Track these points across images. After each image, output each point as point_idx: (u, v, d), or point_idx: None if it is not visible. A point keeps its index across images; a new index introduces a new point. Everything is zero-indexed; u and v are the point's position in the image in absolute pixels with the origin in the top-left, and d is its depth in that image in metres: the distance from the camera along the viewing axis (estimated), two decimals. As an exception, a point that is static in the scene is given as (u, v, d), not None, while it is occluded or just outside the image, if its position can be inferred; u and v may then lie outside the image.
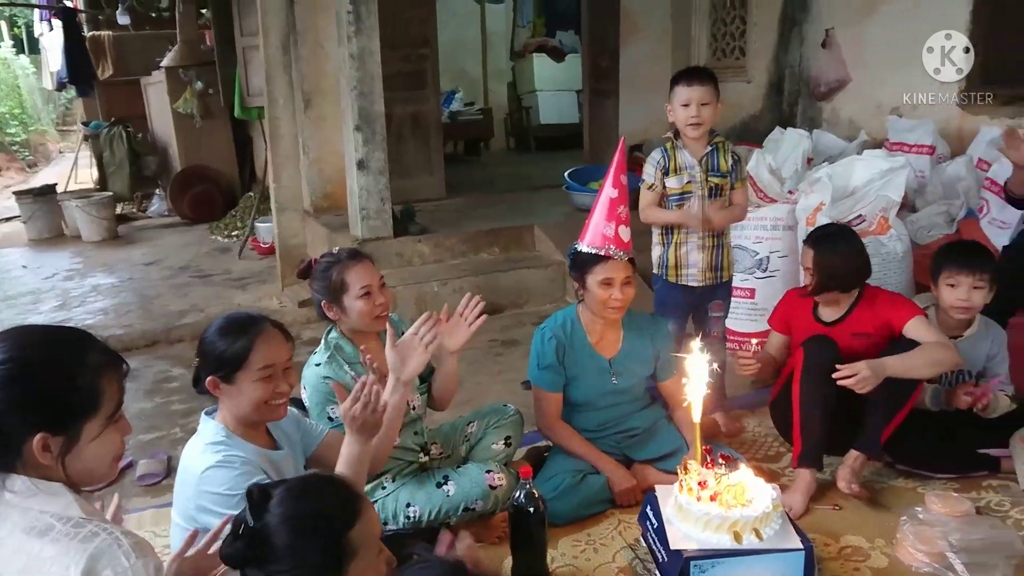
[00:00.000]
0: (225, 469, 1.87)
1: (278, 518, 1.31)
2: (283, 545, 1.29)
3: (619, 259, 2.70)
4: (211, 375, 1.93)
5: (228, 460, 1.88)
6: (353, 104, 4.90)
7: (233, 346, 1.92)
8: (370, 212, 5.07)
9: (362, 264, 2.52)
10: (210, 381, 1.93)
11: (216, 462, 1.88)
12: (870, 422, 2.75)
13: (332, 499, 1.36)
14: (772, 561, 2.19)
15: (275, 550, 1.30)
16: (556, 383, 2.83)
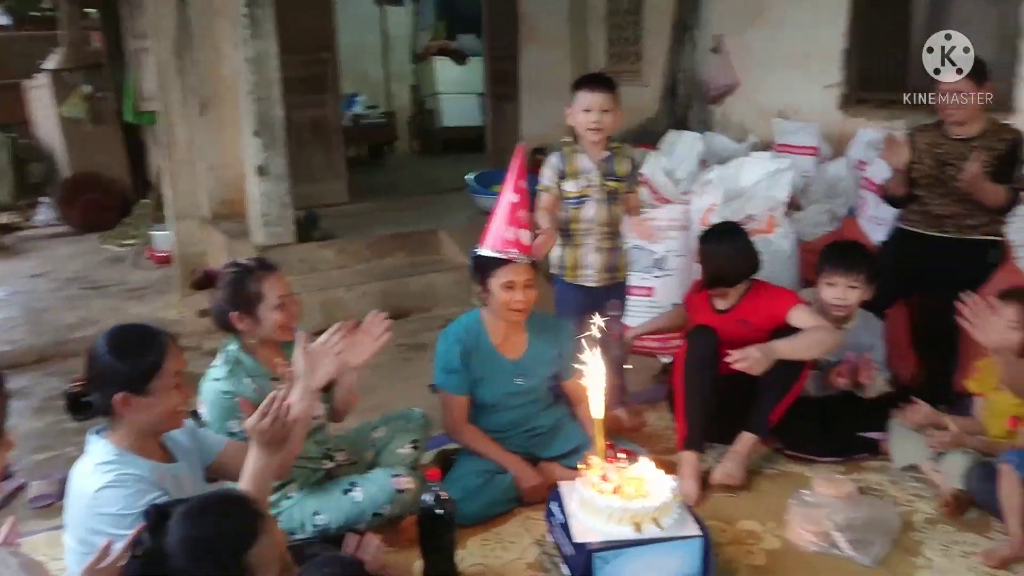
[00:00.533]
0: (118, 489, 1.83)
1: (176, 539, 1.31)
2: (180, 566, 1.29)
3: (520, 262, 2.77)
4: (120, 391, 1.88)
5: (120, 479, 1.85)
6: (252, 109, 4.83)
7: (146, 357, 1.89)
8: (272, 218, 5.00)
9: (276, 274, 2.52)
10: (121, 398, 1.88)
11: (108, 482, 1.84)
12: (760, 405, 2.93)
13: (231, 520, 1.36)
14: (672, 549, 2.29)
15: (174, 570, 1.29)
16: (462, 386, 2.87)
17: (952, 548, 2.54)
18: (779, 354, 2.82)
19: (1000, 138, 3.40)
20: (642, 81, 6.72)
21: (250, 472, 1.89)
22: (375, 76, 10.64)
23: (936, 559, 2.48)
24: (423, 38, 10.58)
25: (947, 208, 3.48)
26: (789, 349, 2.87)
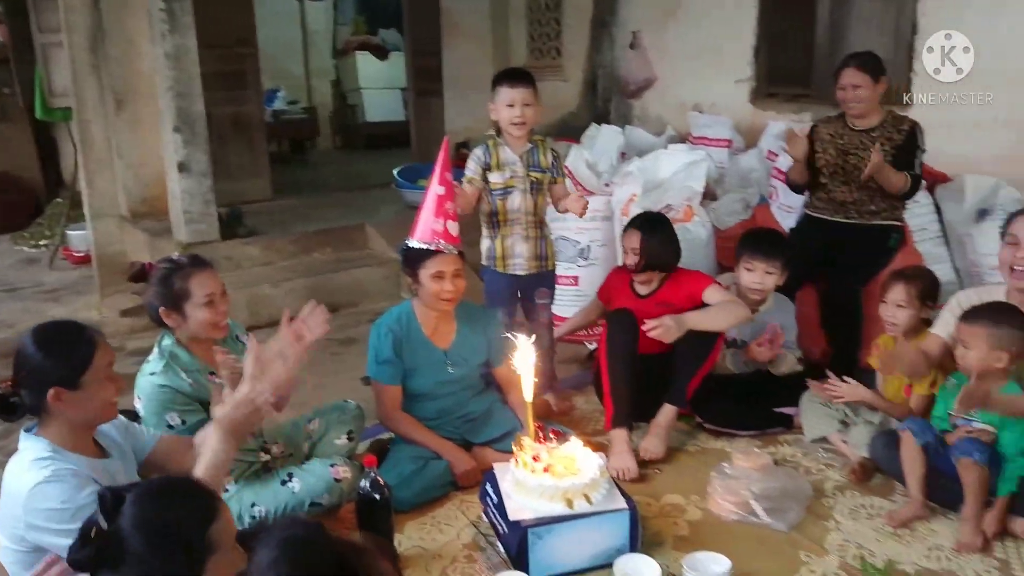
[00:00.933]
0: (56, 483, 1.83)
1: (133, 521, 1.34)
2: (139, 547, 1.31)
3: (449, 253, 2.84)
4: (52, 387, 1.88)
5: (58, 474, 1.85)
6: (171, 105, 4.76)
7: (76, 352, 1.89)
8: (194, 215, 4.94)
9: (205, 272, 2.52)
10: (54, 394, 1.87)
11: (45, 478, 1.84)
12: (677, 377, 3.09)
13: (189, 499, 1.40)
14: (601, 522, 2.41)
15: (130, 553, 1.32)
16: (394, 376, 2.93)
17: (859, 511, 2.73)
18: (690, 324, 3.00)
19: (898, 128, 3.64)
20: (563, 76, 6.84)
21: (210, 461, 1.88)
22: (295, 71, 10.51)
23: (844, 522, 2.67)
24: (343, 33, 10.51)
25: (850, 195, 3.70)
26: (700, 319, 3.05)
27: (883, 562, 2.32)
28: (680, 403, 3.11)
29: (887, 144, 3.60)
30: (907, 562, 2.43)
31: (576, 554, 2.39)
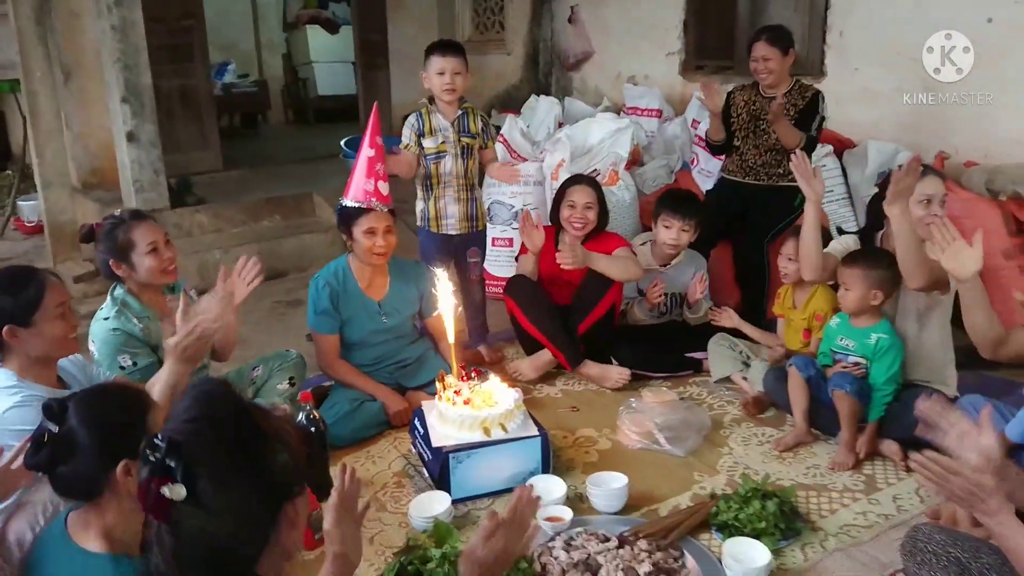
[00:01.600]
0: (24, 408, 2.06)
1: (79, 419, 1.57)
2: (87, 440, 1.55)
3: (380, 210, 3.08)
4: (6, 325, 2.10)
5: (26, 400, 2.08)
6: (119, 77, 4.88)
7: (25, 293, 2.10)
8: (144, 184, 5.09)
9: (145, 223, 2.72)
10: (7, 331, 2.09)
11: (15, 403, 2.07)
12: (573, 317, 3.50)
13: (123, 396, 1.64)
14: (515, 448, 2.69)
15: (80, 446, 1.55)
16: (332, 326, 3.17)
17: (751, 440, 3.05)
18: (592, 262, 3.40)
19: (803, 96, 3.95)
20: (506, 50, 7.06)
21: (163, 380, 2.14)
22: (246, 45, 10.56)
23: (737, 448, 2.98)
24: (294, 7, 10.56)
25: (760, 158, 4.01)
26: (599, 261, 3.42)
27: (761, 477, 2.63)
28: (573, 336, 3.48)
29: (792, 109, 3.90)
30: (786, 479, 2.74)
31: (493, 477, 2.67)
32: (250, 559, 1.11)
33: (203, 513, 1.07)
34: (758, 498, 2.44)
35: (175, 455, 1.06)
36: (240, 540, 1.10)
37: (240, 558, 1.10)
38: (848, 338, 2.92)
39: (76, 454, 1.55)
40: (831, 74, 4.80)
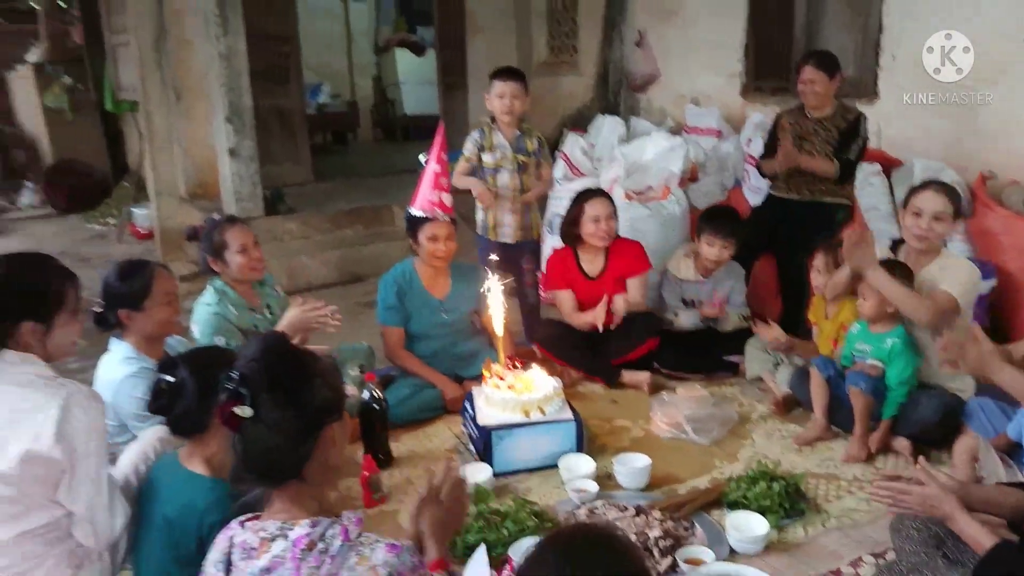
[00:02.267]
0: (139, 378, 2.51)
1: (188, 373, 1.99)
2: (193, 388, 1.96)
3: (442, 220, 3.47)
4: (122, 308, 2.57)
5: (140, 371, 2.54)
6: (223, 98, 5.46)
7: (138, 281, 2.58)
8: (243, 195, 5.65)
9: (237, 227, 3.20)
10: (123, 313, 2.57)
11: (131, 372, 2.54)
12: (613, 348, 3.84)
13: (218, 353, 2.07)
14: (551, 429, 3.02)
15: (188, 393, 1.97)
16: (398, 319, 3.58)
17: (774, 434, 3.30)
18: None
19: (845, 118, 4.16)
20: (578, 71, 7.42)
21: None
22: (339, 67, 11.23)
23: (759, 440, 3.24)
24: (384, 31, 11.19)
25: (803, 176, 4.23)
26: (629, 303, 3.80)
27: (774, 463, 2.88)
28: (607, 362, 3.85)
29: (835, 131, 4.13)
30: (800, 468, 2.99)
31: (531, 454, 3.01)
32: (297, 463, 1.48)
33: (263, 427, 1.45)
34: (765, 480, 2.71)
35: (244, 384, 1.45)
36: (289, 448, 1.47)
37: (289, 462, 1.48)
38: (866, 343, 3.15)
39: (185, 398, 1.98)
40: (883, 95, 4.98)
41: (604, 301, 3.74)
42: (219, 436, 1.97)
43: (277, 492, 1.50)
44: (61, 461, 1.83)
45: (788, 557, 2.48)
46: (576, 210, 3.91)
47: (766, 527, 2.49)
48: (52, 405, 1.83)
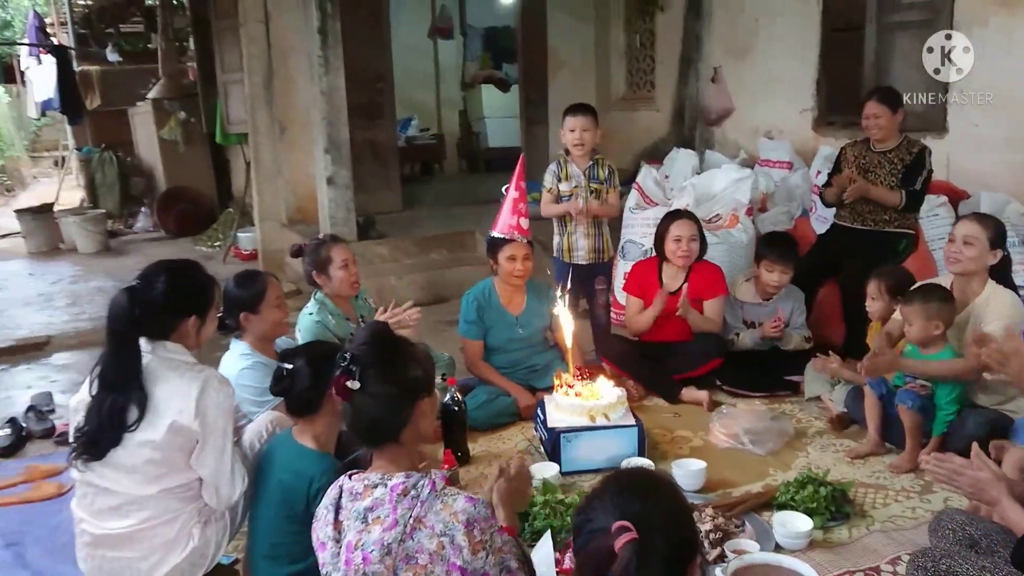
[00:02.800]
0: (255, 371, 2.93)
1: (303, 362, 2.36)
2: (308, 373, 2.33)
3: (520, 242, 3.81)
4: (242, 312, 2.99)
5: (256, 365, 2.95)
6: (324, 132, 5.98)
7: (254, 288, 2.99)
8: (338, 220, 6.13)
9: (340, 245, 3.61)
10: (243, 316, 2.99)
11: (248, 365, 2.95)
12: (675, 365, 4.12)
13: (329, 347, 2.43)
14: (615, 434, 3.29)
15: (304, 378, 2.34)
16: (477, 333, 3.92)
17: (828, 448, 3.48)
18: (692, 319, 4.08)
19: (910, 151, 4.34)
20: (655, 107, 7.74)
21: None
22: (428, 102, 11.82)
23: (814, 453, 3.43)
24: (471, 68, 11.72)
25: (866, 205, 4.41)
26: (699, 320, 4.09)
27: (823, 472, 3.08)
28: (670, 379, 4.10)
29: (899, 163, 4.31)
30: (849, 478, 3.17)
31: (595, 455, 3.28)
32: (395, 429, 1.81)
33: (368, 398, 1.78)
34: (814, 484, 2.91)
35: (355, 363, 1.79)
36: (389, 416, 1.80)
37: (388, 427, 1.80)
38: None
39: (301, 383, 2.34)
40: (952, 129, 5.10)
41: (663, 293, 4.05)
42: (325, 418, 2.34)
43: (377, 452, 1.83)
44: (196, 432, 2.21)
45: (831, 554, 2.68)
46: (663, 228, 4.20)
47: (810, 525, 2.70)
48: (194, 386, 2.22)
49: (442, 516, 1.71)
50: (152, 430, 2.18)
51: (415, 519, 1.70)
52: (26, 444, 3.84)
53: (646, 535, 1.32)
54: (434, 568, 1.68)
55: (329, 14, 5.85)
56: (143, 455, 2.18)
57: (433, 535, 1.69)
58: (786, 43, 6.23)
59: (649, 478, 1.51)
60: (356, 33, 6.67)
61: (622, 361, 4.15)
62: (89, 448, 2.18)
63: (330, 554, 1.76)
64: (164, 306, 2.26)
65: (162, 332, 2.27)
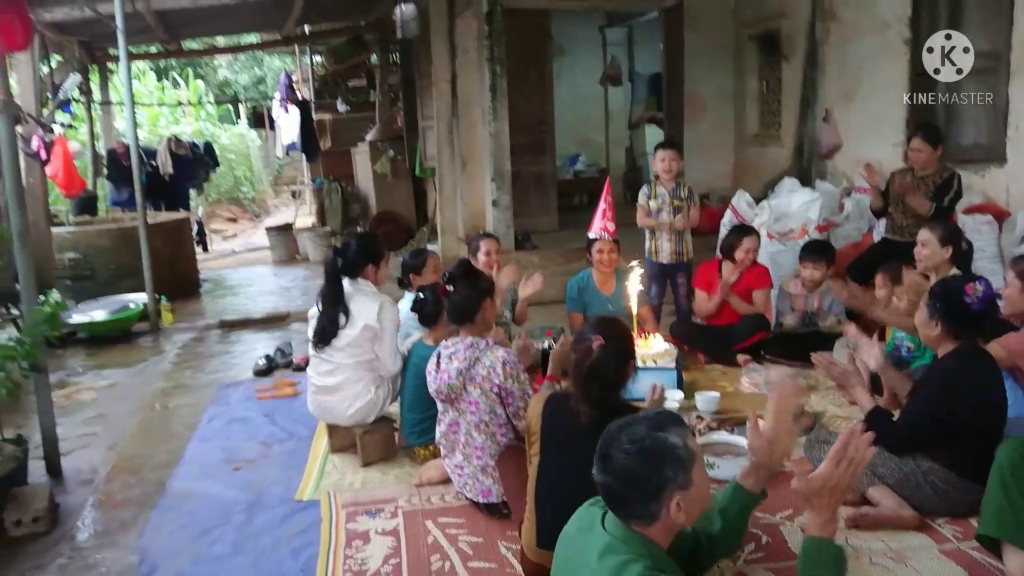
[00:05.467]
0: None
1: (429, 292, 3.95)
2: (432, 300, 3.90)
3: (606, 240, 5.22)
4: (410, 273, 4.66)
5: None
6: (491, 165, 7.68)
7: (419, 259, 4.66)
8: (500, 233, 7.75)
9: (488, 239, 5.21)
10: (411, 277, 4.65)
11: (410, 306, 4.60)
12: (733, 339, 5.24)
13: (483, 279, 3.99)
14: (659, 374, 4.61)
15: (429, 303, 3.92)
16: (577, 308, 5.36)
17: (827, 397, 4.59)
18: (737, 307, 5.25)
19: (941, 175, 5.33)
20: (781, 143, 8.83)
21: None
22: (598, 140, 13.39)
23: (814, 399, 4.56)
24: (637, 110, 13.17)
25: (905, 221, 5.43)
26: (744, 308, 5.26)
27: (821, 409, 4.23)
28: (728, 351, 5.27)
29: (931, 184, 5.32)
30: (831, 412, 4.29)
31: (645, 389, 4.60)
32: (471, 315, 3.33)
33: (457, 296, 3.33)
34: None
35: (451, 279, 3.35)
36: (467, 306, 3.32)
37: (468, 313, 3.33)
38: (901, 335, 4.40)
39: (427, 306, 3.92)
40: (1010, 160, 5.93)
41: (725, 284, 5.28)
42: (440, 329, 3.90)
43: (462, 328, 3.37)
44: (377, 329, 3.85)
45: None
46: (735, 239, 5.42)
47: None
48: (376, 304, 3.87)
49: (490, 357, 3.22)
50: (352, 328, 3.85)
51: (475, 358, 3.22)
52: (275, 370, 5.75)
53: (607, 342, 2.75)
54: (484, 384, 3.19)
55: (498, 75, 7.58)
56: (347, 341, 3.86)
57: (484, 367, 3.21)
58: (881, 88, 7.20)
59: (614, 320, 2.94)
60: (525, 88, 8.37)
61: (693, 339, 5.42)
62: (320, 337, 3.89)
63: (433, 378, 3.32)
64: (355, 257, 3.94)
65: (354, 273, 3.96)
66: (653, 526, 1.91)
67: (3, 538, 3.38)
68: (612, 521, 1.95)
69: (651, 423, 1.98)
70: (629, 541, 1.88)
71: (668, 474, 1.91)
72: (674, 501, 1.90)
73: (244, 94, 23.16)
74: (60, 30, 8.87)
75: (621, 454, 1.93)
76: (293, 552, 3.15)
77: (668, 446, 1.94)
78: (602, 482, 1.96)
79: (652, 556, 1.85)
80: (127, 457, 4.30)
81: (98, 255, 8.04)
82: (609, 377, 2.73)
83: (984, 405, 3.06)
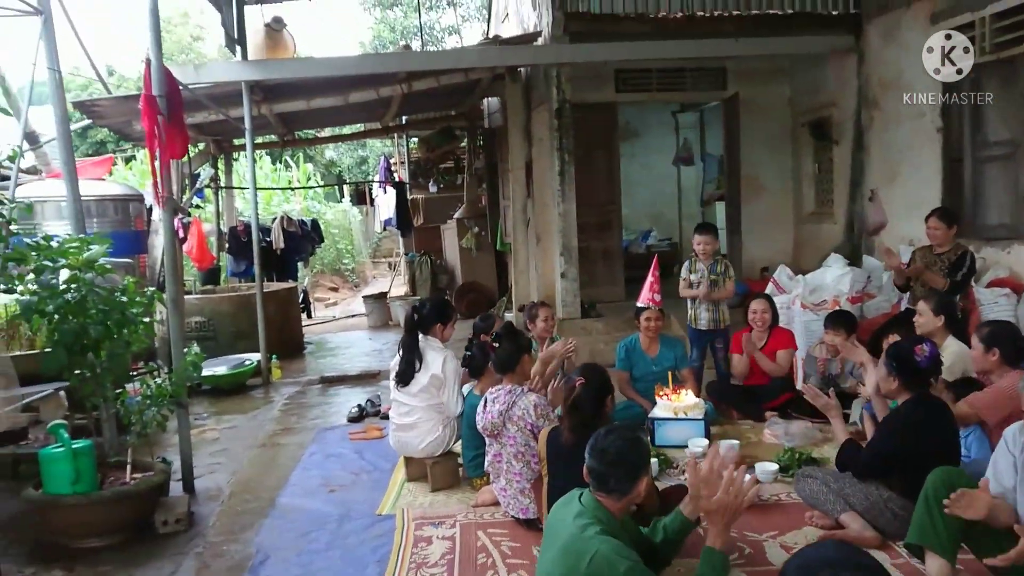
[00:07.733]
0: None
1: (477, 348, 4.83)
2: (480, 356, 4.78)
3: (652, 309, 6.02)
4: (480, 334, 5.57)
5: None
6: (559, 241, 8.61)
7: (488, 323, 5.60)
8: (567, 302, 8.66)
9: (544, 307, 6.09)
10: (481, 336, 5.56)
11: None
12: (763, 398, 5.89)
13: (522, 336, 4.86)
14: (688, 424, 5.33)
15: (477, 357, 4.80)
16: (624, 367, 6.14)
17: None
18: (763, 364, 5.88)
19: (956, 253, 5.94)
20: (834, 220, 9.44)
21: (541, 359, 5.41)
22: (670, 216, 14.21)
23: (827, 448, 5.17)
24: (708, 188, 13.95)
25: (924, 293, 6.02)
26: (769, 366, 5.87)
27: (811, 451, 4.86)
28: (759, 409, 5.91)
29: (946, 261, 5.92)
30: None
31: (679, 437, 5.33)
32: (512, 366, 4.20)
33: (502, 351, 4.22)
34: (793, 452, 4.76)
35: (498, 337, 4.25)
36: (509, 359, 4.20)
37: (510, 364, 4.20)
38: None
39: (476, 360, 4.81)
40: (1031, 235, 6.47)
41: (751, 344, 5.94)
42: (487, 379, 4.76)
43: (505, 377, 4.24)
44: (443, 378, 4.76)
45: (787, 486, 4.52)
46: (748, 304, 6.20)
47: (776, 467, 4.59)
48: (441, 357, 4.79)
49: (525, 401, 4.07)
50: (424, 375, 4.77)
51: (513, 402, 4.08)
52: (365, 417, 6.72)
53: (587, 383, 3.60)
54: (519, 423, 4.04)
55: (566, 162, 8.56)
56: (420, 386, 4.77)
57: (520, 408, 4.06)
58: (919, 172, 7.81)
59: (596, 367, 3.76)
60: (594, 172, 9.36)
61: (728, 398, 6.11)
62: (401, 378, 4.82)
63: (480, 417, 4.19)
64: (427, 316, 4.88)
65: (426, 329, 4.89)
66: (619, 502, 2.75)
67: (155, 534, 4.38)
68: (586, 496, 2.79)
69: (629, 428, 3.01)
70: (595, 510, 2.71)
71: (645, 459, 2.92)
72: (643, 481, 2.76)
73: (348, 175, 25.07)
74: (198, 130, 10.38)
75: (616, 443, 2.83)
76: (372, 549, 4.02)
77: (644, 441, 2.99)
78: (592, 467, 2.81)
79: (608, 522, 2.67)
80: (245, 481, 5.29)
81: (220, 319, 9.33)
82: (587, 410, 3.55)
83: (932, 443, 3.70)
